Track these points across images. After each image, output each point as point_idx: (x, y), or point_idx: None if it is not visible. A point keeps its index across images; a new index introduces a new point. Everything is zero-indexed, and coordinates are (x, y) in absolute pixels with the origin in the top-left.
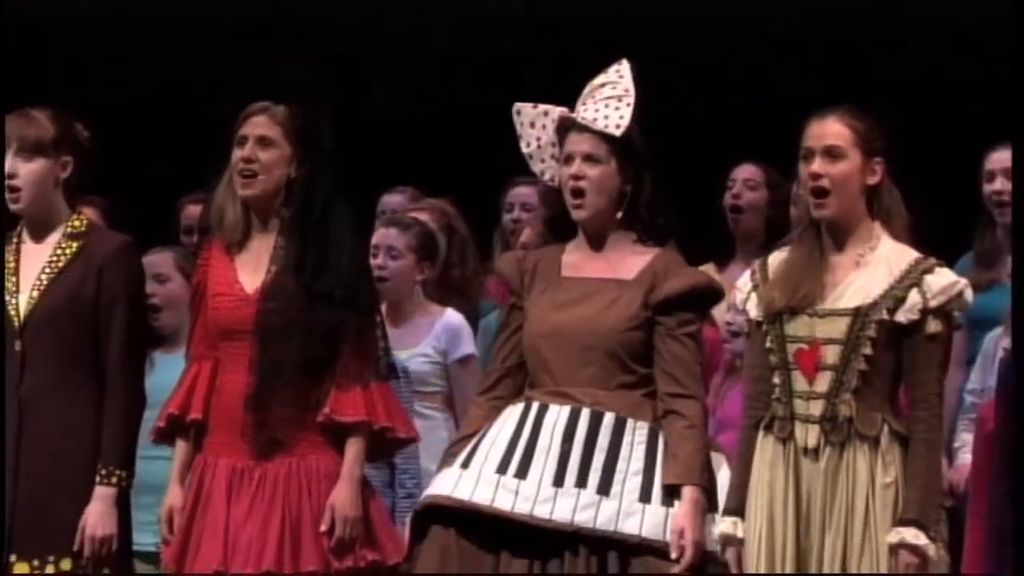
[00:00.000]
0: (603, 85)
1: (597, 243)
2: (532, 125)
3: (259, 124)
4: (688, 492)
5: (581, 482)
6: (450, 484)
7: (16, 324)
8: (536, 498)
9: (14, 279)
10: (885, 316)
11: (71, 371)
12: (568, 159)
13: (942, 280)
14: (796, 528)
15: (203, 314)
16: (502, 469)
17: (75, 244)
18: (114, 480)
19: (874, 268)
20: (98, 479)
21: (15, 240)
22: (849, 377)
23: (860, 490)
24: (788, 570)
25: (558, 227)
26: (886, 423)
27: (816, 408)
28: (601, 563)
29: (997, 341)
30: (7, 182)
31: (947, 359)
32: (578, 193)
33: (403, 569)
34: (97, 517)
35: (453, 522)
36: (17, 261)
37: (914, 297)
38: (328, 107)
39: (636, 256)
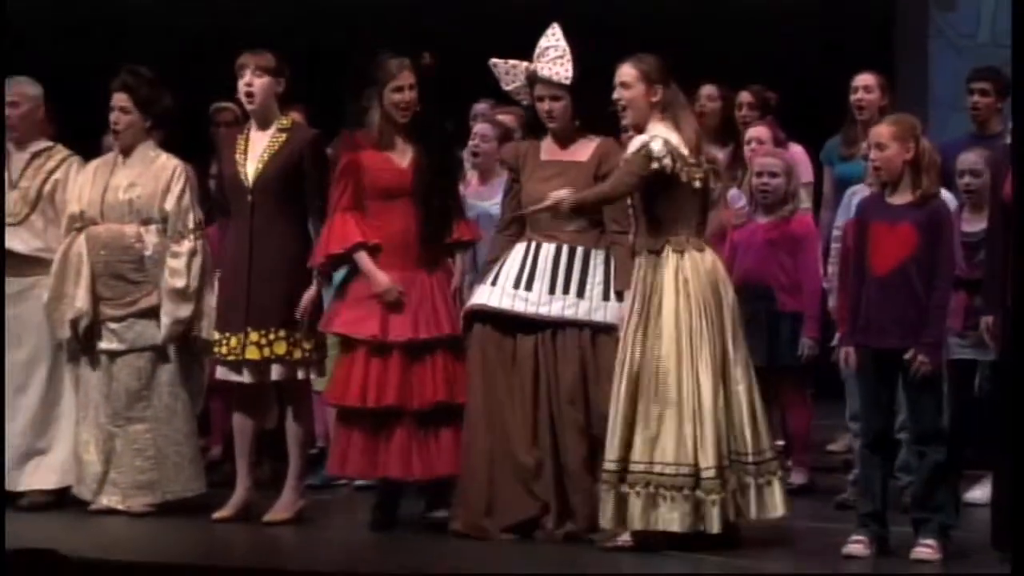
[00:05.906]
0: (548, 48)
1: (562, 142)
2: (507, 73)
3: (407, 76)
4: (628, 294)
5: (566, 290)
6: (485, 295)
7: (247, 184)
8: (539, 302)
9: (244, 155)
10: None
11: (283, 213)
12: (539, 99)
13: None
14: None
15: (357, 182)
16: (516, 285)
17: (284, 134)
18: (315, 280)
19: None
20: None
21: (246, 129)
22: (639, 215)
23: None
24: None
25: (535, 127)
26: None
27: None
28: (580, 337)
29: (851, 194)
30: (246, 90)
31: (634, 179)
32: (551, 119)
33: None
34: (308, 300)
35: (488, 320)
36: (247, 143)
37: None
38: (433, 56)
39: (586, 145)
